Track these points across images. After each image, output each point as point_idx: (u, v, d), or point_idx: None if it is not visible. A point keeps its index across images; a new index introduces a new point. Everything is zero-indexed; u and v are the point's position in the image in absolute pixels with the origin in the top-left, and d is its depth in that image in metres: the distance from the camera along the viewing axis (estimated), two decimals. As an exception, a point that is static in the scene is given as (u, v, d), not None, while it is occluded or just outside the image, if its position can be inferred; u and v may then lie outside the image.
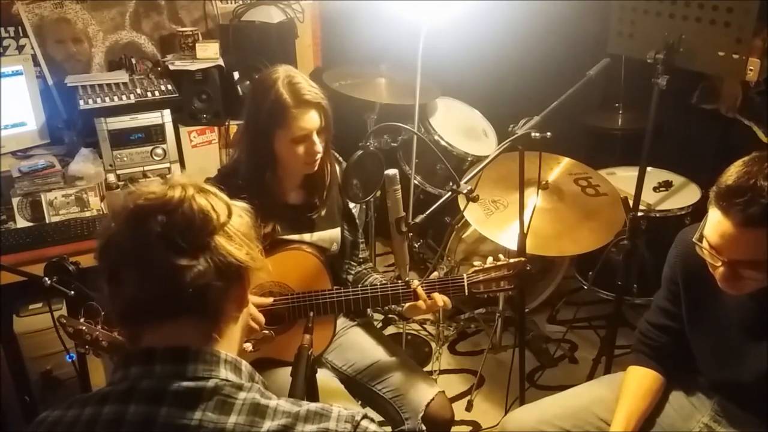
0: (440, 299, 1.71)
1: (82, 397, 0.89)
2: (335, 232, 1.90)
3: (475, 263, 1.74)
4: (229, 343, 0.92)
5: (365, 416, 0.88)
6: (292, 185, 1.85)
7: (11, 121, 2.50)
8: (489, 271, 1.72)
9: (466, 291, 1.71)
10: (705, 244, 1.36)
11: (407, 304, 1.74)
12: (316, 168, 1.80)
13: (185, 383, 0.83)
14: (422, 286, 1.70)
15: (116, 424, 0.83)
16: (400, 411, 1.78)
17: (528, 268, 1.73)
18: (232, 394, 0.84)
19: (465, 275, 1.72)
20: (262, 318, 1.64)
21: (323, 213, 1.87)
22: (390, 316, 2.93)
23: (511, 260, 1.72)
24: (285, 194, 1.84)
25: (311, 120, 1.72)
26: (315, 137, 1.74)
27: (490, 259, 1.73)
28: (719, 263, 1.33)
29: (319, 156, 1.76)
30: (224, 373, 0.85)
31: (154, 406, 0.82)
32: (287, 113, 1.69)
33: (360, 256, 1.99)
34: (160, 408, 0.82)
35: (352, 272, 1.97)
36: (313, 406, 0.87)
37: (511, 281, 1.72)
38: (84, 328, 1.56)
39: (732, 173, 1.28)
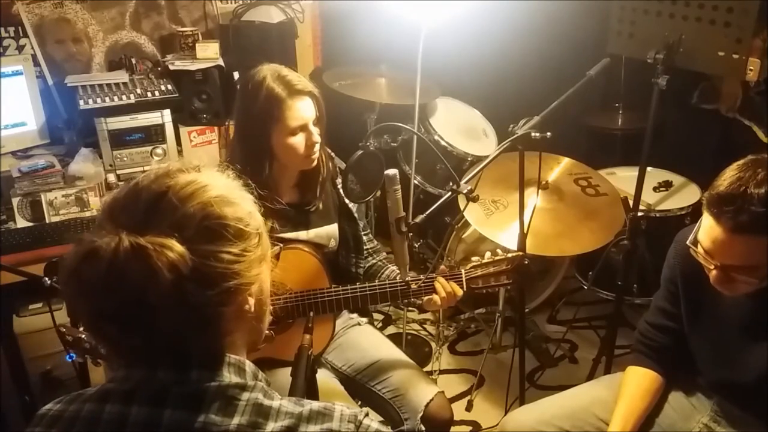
0: (457, 287, 1.71)
1: (85, 392, 0.89)
2: (332, 228, 1.90)
3: (473, 259, 1.74)
4: (236, 343, 0.91)
5: (367, 414, 0.88)
6: (288, 183, 1.85)
7: (11, 121, 2.49)
8: (487, 266, 1.72)
9: (465, 286, 1.71)
10: (699, 248, 1.37)
11: (426, 297, 1.73)
12: (315, 162, 1.80)
13: (189, 386, 0.83)
14: (421, 284, 1.70)
15: (119, 425, 0.82)
16: (399, 411, 1.78)
17: (526, 261, 1.74)
18: (235, 395, 0.84)
19: (463, 270, 1.73)
20: None
21: (320, 208, 1.87)
22: (410, 309, 2.97)
23: (509, 254, 1.73)
24: (281, 192, 1.83)
25: (306, 109, 1.72)
26: (312, 127, 1.74)
27: (488, 254, 1.73)
28: (712, 266, 1.35)
29: (317, 147, 1.77)
30: (228, 376, 0.85)
31: (157, 408, 0.82)
32: (282, 105, 1.69)
33: (368, 247, 1.98)
34: (163, 410, 0.82)
35: (362, 265, 1.97)
36: (315, 405, 0.87)
37: (510, 276, 1.73)
38: (83, 336, 1.55)
39: (725, 178, 1.29)
